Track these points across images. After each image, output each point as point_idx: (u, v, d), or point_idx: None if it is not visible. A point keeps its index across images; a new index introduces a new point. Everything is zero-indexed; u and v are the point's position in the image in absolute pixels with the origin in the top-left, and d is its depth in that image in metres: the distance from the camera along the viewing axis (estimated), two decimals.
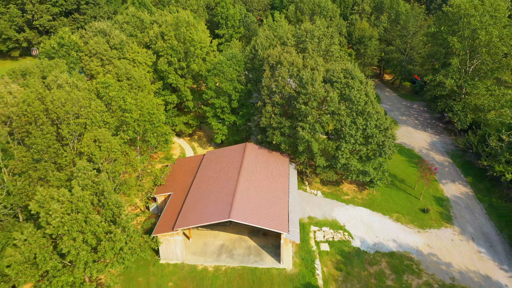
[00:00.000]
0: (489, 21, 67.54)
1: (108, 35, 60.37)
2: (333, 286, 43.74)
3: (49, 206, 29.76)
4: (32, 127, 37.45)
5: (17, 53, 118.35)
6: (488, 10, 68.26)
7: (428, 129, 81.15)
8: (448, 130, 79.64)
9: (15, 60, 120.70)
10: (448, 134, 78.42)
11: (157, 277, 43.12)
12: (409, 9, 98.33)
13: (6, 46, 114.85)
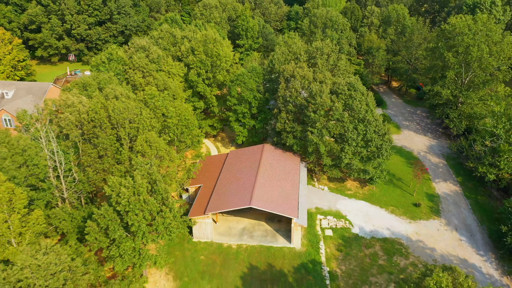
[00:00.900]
0: (481, 38, 75.99)
1: (148, 50, 70.98)
2: (334, 263, 53.37)
3: (118, 190, 40.12)
4: (98, 130, 48.06)
5: (56, 58, 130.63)
6: (481, 29, 76.71)
7: (428, 133, 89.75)
8: (446, 134, 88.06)
9: (54, 65, 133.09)
10: (445, 138, 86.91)
11: (191, 252, 53.43)
12: (415, 22, 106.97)
13: (47, 52, 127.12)
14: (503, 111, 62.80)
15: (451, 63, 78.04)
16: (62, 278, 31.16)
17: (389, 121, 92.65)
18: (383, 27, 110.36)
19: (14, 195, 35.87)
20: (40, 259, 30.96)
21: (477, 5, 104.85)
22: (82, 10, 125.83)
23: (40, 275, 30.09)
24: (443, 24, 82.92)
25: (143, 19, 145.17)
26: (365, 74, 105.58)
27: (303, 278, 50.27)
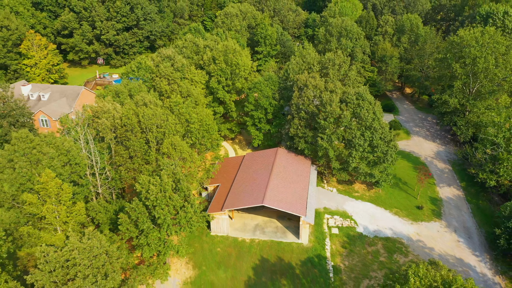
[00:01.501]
0: (488, 50, 79.63)
1: (173, 59, 77.35)
2: (338, 258, 58.51)
3: (147, 187, 46.28)
4: (129, 133, 54.45)
5: (86, 62, 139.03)
6: (488, 41, 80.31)
7: (437, 140, 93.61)
8: (454, 141, 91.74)
9: (84, 68, 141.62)
10: (453, 145, 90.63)
11: (209, 244, 59.41)
12: (428, 31, 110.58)
13: (78, 56, 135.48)
14: (503, 121, 66.59)
15: (458, 73, 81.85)
16: (102, 260, 37.36)
17: (399, 128, 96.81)
18: (397, 35, 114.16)
19: (61, 189, 42.35)
20: (85, 243, 37.20)
21: (490, 15, 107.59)
22: (111, 17, 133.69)
23: (85, 256, 36.30)
24: (452, 36, 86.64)
25: (167, 24, 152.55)
26: (378, 81, 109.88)
27: (309, 271, 55.61)
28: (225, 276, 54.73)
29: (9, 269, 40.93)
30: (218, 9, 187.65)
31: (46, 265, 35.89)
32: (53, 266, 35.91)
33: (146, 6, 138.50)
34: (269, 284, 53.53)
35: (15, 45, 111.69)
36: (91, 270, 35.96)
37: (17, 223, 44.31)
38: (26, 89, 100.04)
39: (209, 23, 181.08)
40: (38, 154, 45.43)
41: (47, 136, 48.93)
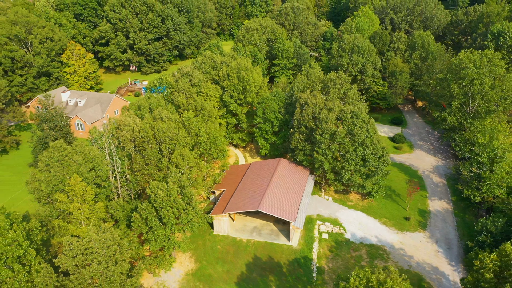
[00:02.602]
0: (485, 73, 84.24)
1: (191, 75, 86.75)
2: (324, 261, 65.96)
3: (156, 191, 55.56)
4: (146, 144, 64.07)
5: (120, 69, 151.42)
6: (486, 64, 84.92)
7: (438, 154, 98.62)
8: (455, 156, 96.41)
9: (118, 74, 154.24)
10: (453, 160, 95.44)
11: (210, 242, 68.31)
12: (440, 48, 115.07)
13: (113, 63, 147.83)
14: (487, 142, 71.70)
15: (456, 93, 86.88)
16: (113, 250, 46.70)
17: (403, 141, 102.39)
18: (409, 51, 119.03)
19: (85, 191, 52.17)
20: (101, 236, 46.67)
21: (501, 34, 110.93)
22: (144, 28, 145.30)
23: (100, 246, 45.77)
24: (454, 57, 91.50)
25: (196, 34, 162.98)
26: (388, 95, 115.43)
27: (295, 270, 63.44)
28: (222, 270, 63.45)
29: (42, 253, 51.22)
30: (246, 18, 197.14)
31: (70, 252, 45.71)
32: (75, 253, 45.63)
33: (176, 18, 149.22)
34: (259, 279, 61.80)
35: (58, 55, 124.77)
36: (104, 258, 45.42)
37: (51, 216, 54.72)
38: (65, 96, 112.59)
39: (236, 31, 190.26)
40: (69, 161, 55.70)
41: (78, 145, 59.24)
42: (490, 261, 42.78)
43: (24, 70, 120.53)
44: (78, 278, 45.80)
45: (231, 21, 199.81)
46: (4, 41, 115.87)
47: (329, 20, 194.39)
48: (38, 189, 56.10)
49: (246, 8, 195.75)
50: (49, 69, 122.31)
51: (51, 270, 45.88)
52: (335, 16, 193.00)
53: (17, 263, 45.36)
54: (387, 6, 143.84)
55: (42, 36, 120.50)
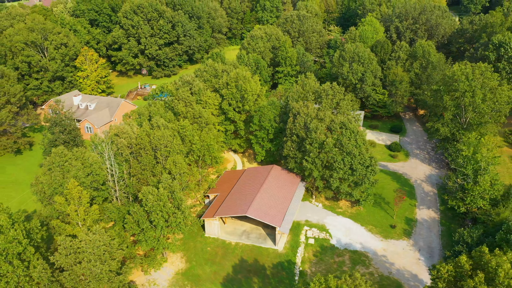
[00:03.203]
0: (477, 85, 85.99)
1: (191, 84, 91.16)
2: (307, 265, 69.38)
3: (147, 196, 59.99)
4: (142, 151, 68.65)
5: (132, 72, 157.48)
6: (478, 77, 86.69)
7: (433, 163, 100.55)
8: (449, 166, 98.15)
9: (130, 77, 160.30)
10: (447, 169, 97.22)
11: (201, 244, 72.51)
12: (441, 57, 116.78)
13: (125, 68, 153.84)
14: (471, 155, 73.79)
15: (448, 105, 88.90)
16: (102, 249, 51.25)
17: (399, 149, 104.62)
18: (410, 60, 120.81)
19: (82, 194, 56.94)
20: (91, 237, 51.28)
21: (502, 45, 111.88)
22: (154, 34, 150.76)
23: (90, 246, 50.40)
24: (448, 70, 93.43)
25: (206, 39, 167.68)
26: (388, 104, 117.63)
27: (278, 272, 67.08)
28: (210, 270, 67.57)
29: (42, 250, 56.23)
30: (257, 23, 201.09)
31: (64, 250, 50.48)
32: (68, 252, 50.37)
33: (186, 24, 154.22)
34: (243, 281, 65.67)
35: (71, 60, 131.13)
36: (93, 257, 50.01)
37: (51, 216, 59.80)
38: (77, 99, 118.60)
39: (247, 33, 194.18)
40: (68, 166, 60.67)
41: (78, 151, 64.23)
42: (446, 271, 45.51)
43: (40, 74, 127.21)
44: (71, 274, 50.56)
45: (242, 25, 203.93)
46: (22, 47, 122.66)
47: (339, 26, 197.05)
48: (41, 191, 61.29)
49: (257, 14, 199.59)
50: (63, 73, 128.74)
51: (47, 266, 50.75)
52: (345, 22, 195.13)
53: (17, 259, 50.38)
54: (393, 14, 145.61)
55: (57, 42, 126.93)
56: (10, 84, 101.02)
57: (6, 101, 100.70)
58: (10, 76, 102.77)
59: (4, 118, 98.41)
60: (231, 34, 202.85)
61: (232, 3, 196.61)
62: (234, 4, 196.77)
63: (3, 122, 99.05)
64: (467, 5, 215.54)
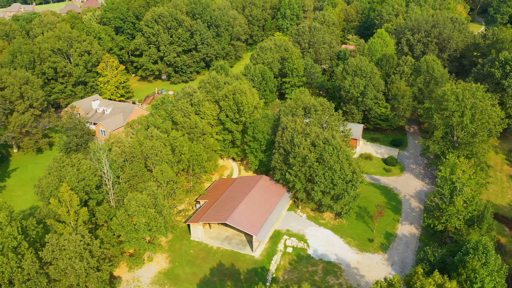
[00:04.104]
0: (467, 106, 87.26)
1: (192, 95, 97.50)
2: (281, 272, 73.97)
3: (131, 202, 66.60)
4: (134, 158, 75.51)
5: (151, 78, 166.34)
6: (468, 97, 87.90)
7: (426, 179, 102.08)
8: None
9: (150, 82, 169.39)
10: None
11: (186, 247, 78.61)
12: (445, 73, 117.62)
13: (145, 73, 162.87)
14: (447, 175, 75.75)
15: (437, 124, 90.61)
16: (82, 247, 58.20)
17: (394, 164, 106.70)
18: (414, 75, 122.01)
19: (72, 198, 64.25)
20: (73, 237, 58.39)
21: (508, 62, 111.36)
22: (173, 42, 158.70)
23: (72, 244, 57.48)
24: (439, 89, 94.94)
25: (223, 47, 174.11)
26: (391, 117, 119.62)
27: (252, 278, 72.10)
28: (189, 271, 73.54)
29: (37, 245, 63.99)
30: (277, 30, 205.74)
31: (50, 246, 57.86)
32: (54, 248, 57.70)
33: (204, 33, 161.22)
34: (217, 283, 71.19)
35: (93, 66, 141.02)
36: (73, 254, 57.04)
37: (48, 215, 67.62)
38: (96, 104, 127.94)
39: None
40: (64, 171, 68.36)
41: (75, 159, 71.88)
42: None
43: (64, 79, 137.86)
44: (55, 268, 57.88)
45: (263, 32, 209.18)
46: (49, 54, 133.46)
47: (358, 35, 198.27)
48: (41, 192, 69.31)
49: (277, 21, 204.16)
50: (85, 78, 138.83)
51: (35, 259, 58.24)
52: (364, 31, 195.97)
53: (12, 253, 58.16)
54: (405, 26, 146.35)
55: (81, 49, 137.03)
56: (33, 89, 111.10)
57: (29, 105, 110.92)
58: (34, 82, 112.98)
59: (27, 120, 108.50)
60: (252, 41, 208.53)
61: (254, 11, 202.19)
62: (255, 12, 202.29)
63: (26, 124, 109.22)
64: (493, 15, 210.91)
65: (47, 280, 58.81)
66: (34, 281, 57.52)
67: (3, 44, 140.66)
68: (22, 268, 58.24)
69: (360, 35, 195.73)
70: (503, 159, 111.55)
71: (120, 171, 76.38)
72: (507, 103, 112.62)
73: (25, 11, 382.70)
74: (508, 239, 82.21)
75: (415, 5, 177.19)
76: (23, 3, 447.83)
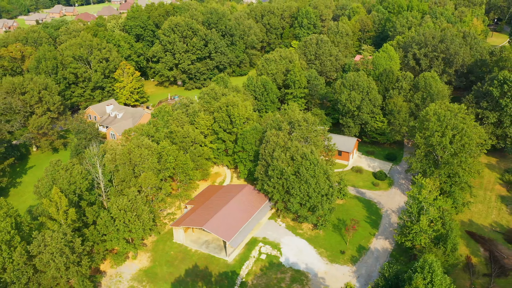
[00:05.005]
0: (448, 127, 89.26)
1: (188, 106, 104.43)
2: (251, 277, 79.38)
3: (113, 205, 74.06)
4: (123, 165, 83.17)
5: (167, 83, 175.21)
6: (449, 118, 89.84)
7: None
8: None
9: (166, 87, 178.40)
10: None
11: (168, 248, 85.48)
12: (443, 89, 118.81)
13: (161, 79, 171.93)
14: (414, 195, 78.55)
15: (419, 142, 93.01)
16: (63, 244, 66.06)
17: (383, 178, 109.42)
18: (413, 91, 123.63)
19: (61, 199, 72.48)
20: (56, 235, 66.41)
21: (506, 81, 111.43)
22: (188, 50, 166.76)
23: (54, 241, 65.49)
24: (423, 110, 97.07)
25: (237, 55, 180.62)
26: (387, 132, 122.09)
27: (222, 280, 77.97)
28: (166, 271, 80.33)
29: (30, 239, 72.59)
30: (294, 38, 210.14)
31: (36, 242, 66.20)
32: (39, 243, 65.99)
33: (218, 42, 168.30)
34: (190, 283, 77.54)
35: (111, 72, 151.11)
36: (55, 250, 65.03)
37: (42, 213, 76.32)
38: (109, 108, 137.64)
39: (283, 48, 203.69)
40: (58, 175, 76.89)
41: (69, 163, 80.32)
42: None
43: (84, 83, 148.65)
44: (40, 260, 66.14)
45: (280, 40, 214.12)
46: (70, 60, 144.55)
47: (373, 45, 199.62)
48: (38, 192, 78.22)
49: (294, 30, 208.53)
50: (103, 84, 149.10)
51: (23, 252, 66.69)
52: (381, 41, 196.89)
53: (5, 245, 66.87)
54: (412, 40, 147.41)
55: (100, 56, 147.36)
56: (51, 94, 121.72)
57: (47, 108, 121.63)
58: (52, 88, 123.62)
59: (44, 122, 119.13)
60: (270, 48, 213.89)
61: (272, 20, 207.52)
62: (273, 21, 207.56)
63: (43, 125, 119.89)
64: None
65: (33, 271, 67.05)
66: (21, 271, 65.85)
67: (31, 50, 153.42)
68: (12, 259, 66.76)
69: (376, 46, 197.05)
70: (497, 178, 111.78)
71: (112, 175, 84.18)
72: (505, 122, 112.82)
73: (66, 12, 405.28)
74: (480, 259, 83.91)
75: (430, 17, 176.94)
76: (66, 5, 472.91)
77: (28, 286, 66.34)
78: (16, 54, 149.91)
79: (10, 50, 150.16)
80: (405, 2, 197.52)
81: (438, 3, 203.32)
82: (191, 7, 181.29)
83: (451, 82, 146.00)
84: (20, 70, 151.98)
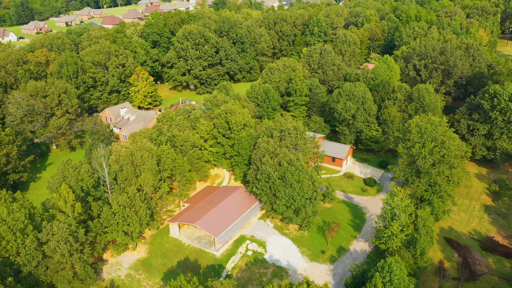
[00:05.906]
0: (428, 139, 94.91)
1: (190, 112, 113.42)
2: (236, 271, 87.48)
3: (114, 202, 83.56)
4: (125, 166, 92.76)
5: (180, 88, 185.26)
6: (430, 130, 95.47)
7: None
8: None
9: (179, 92, 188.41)
10: None
11: (164, 241, 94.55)
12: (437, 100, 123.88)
13: (174, 83, 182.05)
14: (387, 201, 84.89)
15: (401, 152, 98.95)
16: (68, 233, 75.87)
17: (372, 185, 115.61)
18: (408, 102, 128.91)
19: (69, 194, 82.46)
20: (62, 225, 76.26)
21: (496, 95, 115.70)
22: (200, 56, 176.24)
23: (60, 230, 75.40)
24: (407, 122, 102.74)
25: (247, 62, 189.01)
26: (382, 140, 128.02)
27: (209, 272, 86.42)
28: (160, 262, 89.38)
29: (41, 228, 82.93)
30: (305, 46, 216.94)
31: (45, 231, 76.30)
32: (48, 232, 76.08)
33: (229, 49, 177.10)
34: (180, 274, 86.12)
35: (126, 77, 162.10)
36: (60, 238, 74.96)
37: (53, 207, 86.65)
38: (123, 111, 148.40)
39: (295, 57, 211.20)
40: (67, 173, 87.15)
41: (79, 163, 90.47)
42: None
43: (101, 87, 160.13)
44: (48, 247, 76.24)
45: (292, 47, 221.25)
46: (90, 65, 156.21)
47: (381, 53, 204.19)
48: (50, 187, 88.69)
49: (305, 37, 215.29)
50: (119, 88, 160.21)
51: (34, 239, 76.90)
52: (389, 50, 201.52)
53: (20, 233, 77.28)
54: (414, 52, 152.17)
55: (117, 62, 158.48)
56: (70, 98, 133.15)
57: (65, 110, 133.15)
58: (71, 91, 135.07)
59: (62, 123, 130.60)
60: (281, 55, 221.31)
61: (284, 27, 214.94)
62: (285, 28, 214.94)
63: (61, 126, 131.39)
64: None
65: (42, 256, 77.23)
66: (32, 255, 76.12)
67: (55, 55, 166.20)
68: (25, 245, 77.12)
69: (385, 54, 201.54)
70: (484, 188, 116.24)
71: (116, 174, 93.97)
72: (495, 134, 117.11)
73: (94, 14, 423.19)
74: (452, 264, 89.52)
75: (437, 28, 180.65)
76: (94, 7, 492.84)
77: (37, 268, 76.34)
78: (41, 59, 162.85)
79: (36, 55, 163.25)
80: (413, 12, 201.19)
81: (448, 13, 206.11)
82: (205, 16, 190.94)
83: (450, 93, 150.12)
84: (45, 74, 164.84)
